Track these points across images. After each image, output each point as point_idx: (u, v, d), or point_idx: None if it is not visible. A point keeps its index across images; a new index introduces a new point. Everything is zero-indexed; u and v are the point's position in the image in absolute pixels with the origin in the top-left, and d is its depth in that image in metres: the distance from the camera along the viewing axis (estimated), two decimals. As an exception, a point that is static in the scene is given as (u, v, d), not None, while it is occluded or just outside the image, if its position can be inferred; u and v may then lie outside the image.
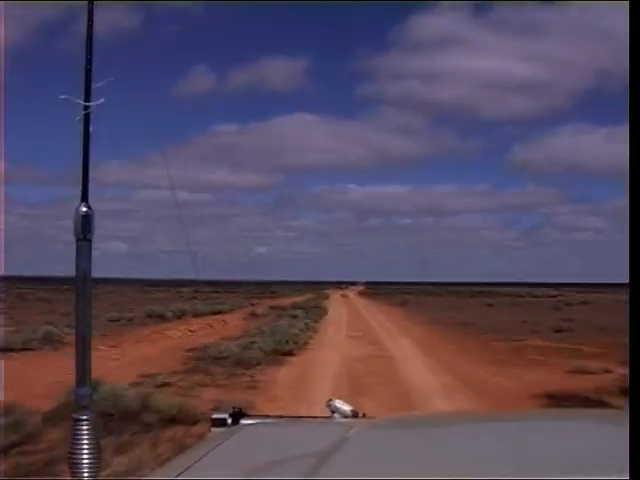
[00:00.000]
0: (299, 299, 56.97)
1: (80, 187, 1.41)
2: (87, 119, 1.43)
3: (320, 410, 2.27)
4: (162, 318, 30.01)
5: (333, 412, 2.16)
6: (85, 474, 1.28)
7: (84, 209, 1.40)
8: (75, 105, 1.47)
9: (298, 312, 35.38)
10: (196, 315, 33.71)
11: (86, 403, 1.31)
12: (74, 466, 1.29)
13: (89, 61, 1.51)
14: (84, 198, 1.42)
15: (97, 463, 1.32)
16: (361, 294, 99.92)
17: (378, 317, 37.41)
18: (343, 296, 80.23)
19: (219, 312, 36.49)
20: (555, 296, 76.47)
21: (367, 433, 1.80)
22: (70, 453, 1.30)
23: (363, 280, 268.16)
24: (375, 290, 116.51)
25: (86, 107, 1.43)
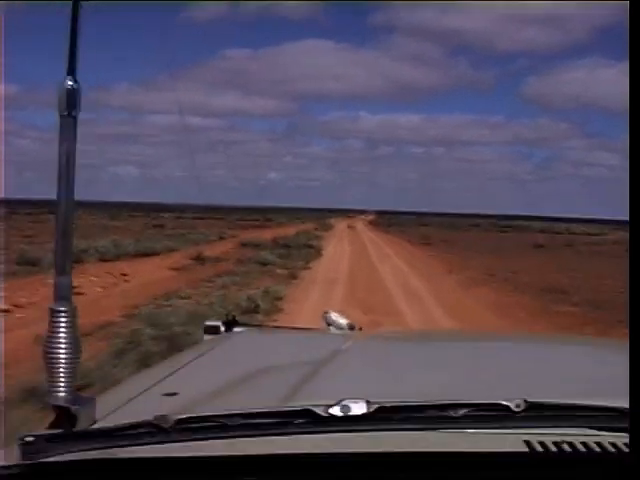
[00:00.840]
0: (292, 230, 44.01)
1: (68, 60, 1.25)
2: None
3: None
4: (34, 266, 17.28)
5: (329, 324, 2.12)
6: (62, 371, 1.16)
7: (69, 82, 1.25)
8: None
9: (273, 255, 22.21)
10: (116, 257, 21.08)
11: (66, 293, 1.20)
12: (51, 361, 1.18)
13: None
14: (70, 71, 1.26)
15: (76, 357, 1.20)
16: (372, 224, 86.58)
17: (402, 268, 21.83)
18: (350, 227, 67.31)
19: (155, 253, 23.55)
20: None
21: (361, 345, 1.78)
22: (47, 347, 1.19)
23: (373, 209, 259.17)
24: (387, 220, 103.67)
25: None
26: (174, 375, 1.45)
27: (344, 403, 0.99)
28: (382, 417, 0.98)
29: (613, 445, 0.99)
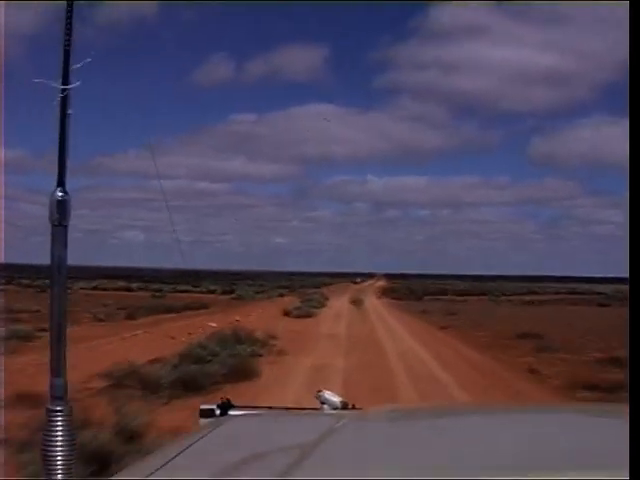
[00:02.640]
0: (251, 315, 29.92)
1: (57, 172, 1.30)
2: (64, 102, 1.32)
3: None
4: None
5: (323, 403, 2.10)
6: (59, 467, 1.20)
7: (60, 194, 1.30)
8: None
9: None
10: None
11: (61, 394, 1.23)
12: (48, 459, 1.21)
13: (68, 40, 1.37)
14: (60, 183, 1.31)
15: (72, 456, 1.24)
16: (383, 293, 69.57)
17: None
18: (354, 304, 45.13)
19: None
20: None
21: (354, 425, 1.75)
22: (44, 446, 1.22)
23: (381, 272, 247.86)
24: (401, 286, 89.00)
25: (63, 90, 1.31)
26: (167, 466, 1.41)
27: None
28: None
29: None
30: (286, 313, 32.56)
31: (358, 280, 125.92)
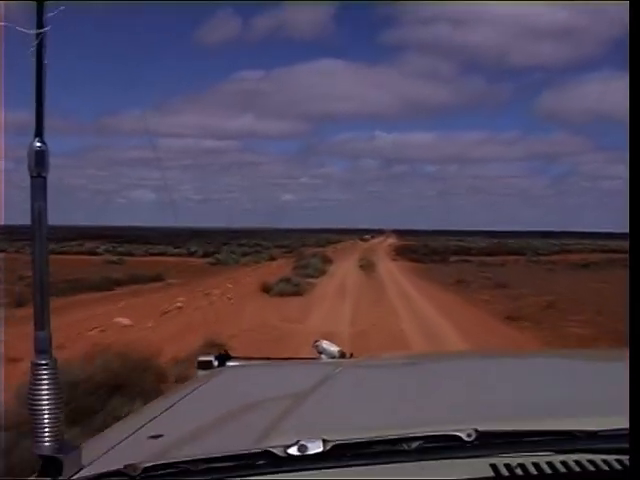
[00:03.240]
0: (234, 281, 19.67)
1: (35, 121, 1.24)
2: (40, 49, 1.26)
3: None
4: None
5: (320, 353, 2.09)
6: (47, 421, 1.18)
7: (38, 144, 1.26)
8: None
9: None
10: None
11: (45, 347, 1.22)
12: (35, 413, 1.19)
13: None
14: (38, 133, 1.26)
15: (59, 409, 1.21)
16: (398, 253, 56.26)
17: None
18: (364, 268, 34.99)
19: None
20: None
21: (350, 373, 1.76)
22: (30, 400, 1.21)
23: (390, 228, 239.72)
24: (414, 243, 78.63)
25: (38, 35, 1.25)
26: (162, 416, 1.44)
27: (301, 443, 1.01)
28: (338, 455, 1.00)
29: (563, 464, 0.97)
30: (266, 289, 22.21)
31: (367, 237, 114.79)
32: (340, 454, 1.00)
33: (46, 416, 1.18)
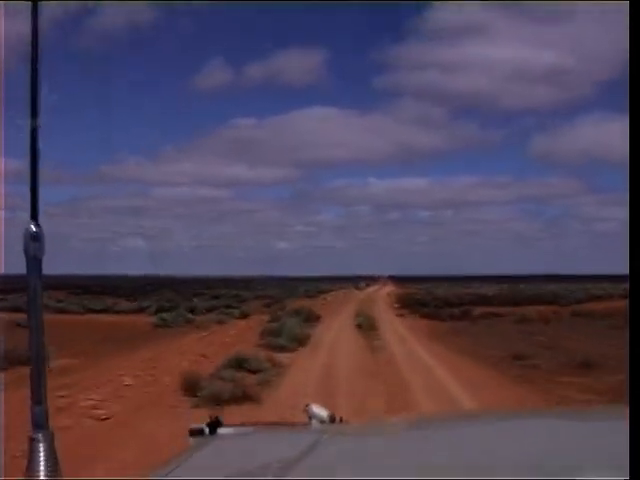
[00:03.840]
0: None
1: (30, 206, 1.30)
2: (34, 136, 1.29)
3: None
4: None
5: (310, 418, 2.05)
6: None
7: (34, 228, 1.30)
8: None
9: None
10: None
11: (42, 421, 1.24)
12: None
13: (35, 73, 1.30)
14: (33, 216, 1.31)
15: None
16: (402, 304, 44.77)
17: None
18: (362, 329, 25.28)
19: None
20: None
21: (340, 439, 1.76)
22: (27, 474, 1.23)
23: (386, 274, 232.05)
24: (417, 291, 68.52)
25: (33, 121, 1.29)
26: None
27: None
28: None
29: None
30: (190, 386, 11.94)
31: (362, 285, 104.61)
32: None
33: None
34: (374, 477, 1.25)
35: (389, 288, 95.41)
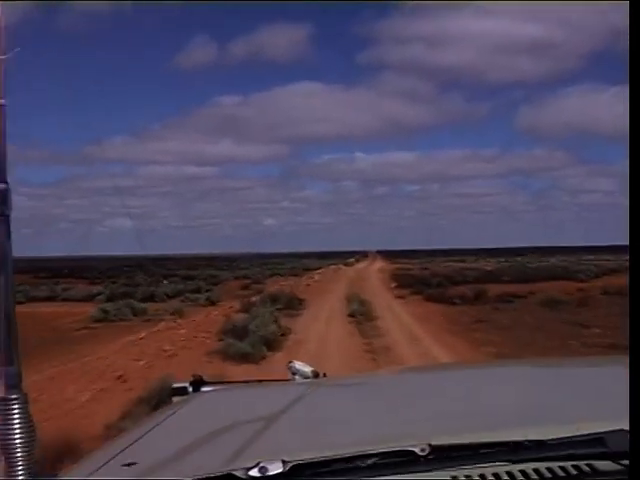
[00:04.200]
0: None
1: None
2: None
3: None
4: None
5: (294, 374, 2.05)
6: (19, 456, 1.16)
7: (1, 185, 1.23)
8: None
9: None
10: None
11: (15, 382, 1.19)
12: (7, 449, 1.17)
13: None
14: (0, 172, 1.24)
15: (32, 444, 1.19)
16: (398, 283, 37.31)
17: None
18: (355, 318, 19.43)
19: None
20: None
21: (319, 393, 1.74)
22: (1, 436, 1.18)
23: (374, 249, 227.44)
24: (411, 267, 62.93)
25: None
26: (136, 444, 1.43)
27: (262, 465, 1.04)
28: (297, 475, 1.02)
29: (522, 473, 0.98)
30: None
31: (351, 260, 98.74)
32: (299, 474, 1.02)
33: (19, 451, 1.15)
34: (351, 431, 1.24)
35: (380, 263, 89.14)
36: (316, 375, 2.05)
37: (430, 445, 1.01)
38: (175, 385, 1.91)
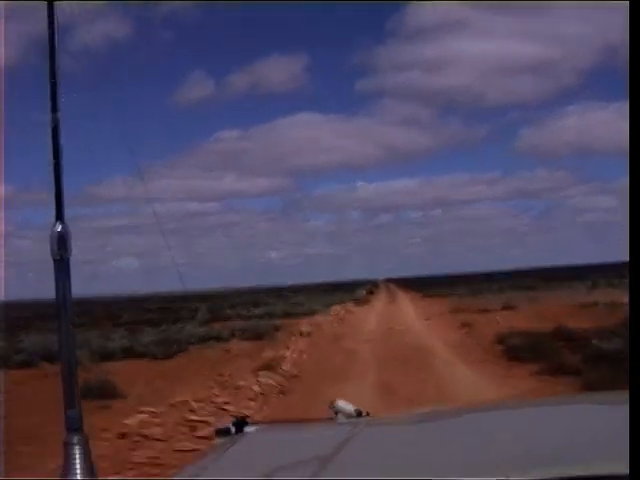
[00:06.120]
0: None
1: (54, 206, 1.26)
2: (56, 133, 1.25)
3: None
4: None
5: (336, 413, 1.96)
6: None
7: (59, 228, 1.26)
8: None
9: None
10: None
11: (76, 426, 1.20)
12: None
13: (53, 72, 1.33)
14: (59, 217, 1.27)
15: None
16: (508, 359, 13.27)
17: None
18: None
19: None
20: None
21: (367, 432, 1.66)
22: (64, 476, 1.17)
23: (381, 278, 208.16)
24: (448, 302, 41.19)
25: (53, 119, 1.24)
26: None
27: None
28: None
29: None
30: None
31: (362, 293, 74.37)
32: None
33: None
34: (406, 471, 1.17)
35: (406, 297, 59.10)
36: (359, 414, 1.95)
37: None
38: (218, 427, 1.85)
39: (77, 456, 1.14)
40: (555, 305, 26.58)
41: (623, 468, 1.00)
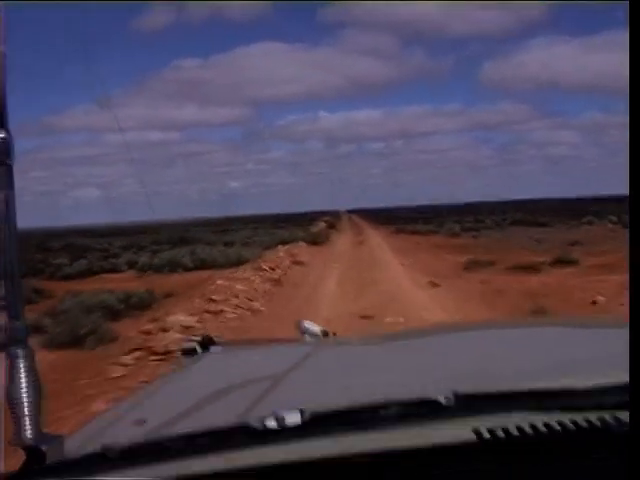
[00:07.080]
0: None
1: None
2: None
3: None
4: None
5: (303, 333, 1.97)
6: (26, 412, 1.13)
7: (2, 134, 1.21)
8: None
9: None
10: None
11: (21, 336, 1.18)
12: (13, 404, 1.13)
13: None
14: (2, 123, 1.22)
15: (38, 398, 1.16)
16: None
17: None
18: None
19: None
20: None
21: (331, 350, 1.72)
22: (8, 391, 1.16)
23: (343, 209, 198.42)
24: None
25: None
26: (146, 402, 1.42)
27: (278, 414, 0.96)
28: (317, 425, 0.96)
29: (545, 426, 0.89)
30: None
31: (320, 225, 61.44)
32: (319, 424, 0.96)
33: (25, 407, 1.11)
34: (366, 381, 1.21)
35: (377, 233, 44.39)
36: (325, 334, 1.98)
37: (455, 394, 0.94)
38: (184, 346, 1.83)
39: (22, 368, 1.09)
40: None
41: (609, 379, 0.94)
